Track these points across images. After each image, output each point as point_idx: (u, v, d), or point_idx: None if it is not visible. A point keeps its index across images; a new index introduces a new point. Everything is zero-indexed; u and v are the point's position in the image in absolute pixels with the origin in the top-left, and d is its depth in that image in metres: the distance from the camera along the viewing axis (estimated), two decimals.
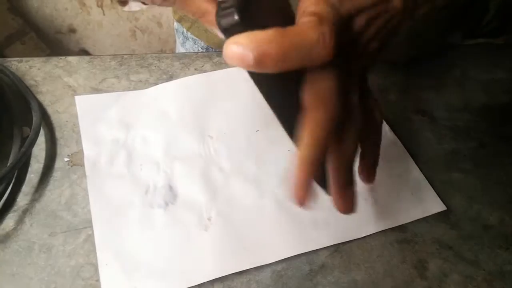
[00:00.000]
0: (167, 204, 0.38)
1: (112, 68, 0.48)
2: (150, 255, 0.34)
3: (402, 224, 0.39)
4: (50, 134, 0.42)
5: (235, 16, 0.21)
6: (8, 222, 0.35)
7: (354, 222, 0.38)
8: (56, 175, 0.39)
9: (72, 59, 0.49)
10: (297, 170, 0.24)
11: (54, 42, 1.52)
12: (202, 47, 0.61)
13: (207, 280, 0.33)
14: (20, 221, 0.35)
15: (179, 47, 0.66)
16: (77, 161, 0.40)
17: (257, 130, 0.44)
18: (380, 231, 0.38)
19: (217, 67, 0.50)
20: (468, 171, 0.44)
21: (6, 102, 0.42)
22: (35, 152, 0.40)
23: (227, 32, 0.21)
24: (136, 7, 0.32)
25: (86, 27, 1.51)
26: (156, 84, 0.47)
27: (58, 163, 0.39)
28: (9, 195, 0.37)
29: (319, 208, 0.38)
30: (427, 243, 0.38)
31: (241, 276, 0.34)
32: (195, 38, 0.60)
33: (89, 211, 0.36)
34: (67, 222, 0.36)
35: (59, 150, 0.41)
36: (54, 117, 0.43)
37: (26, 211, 0.36)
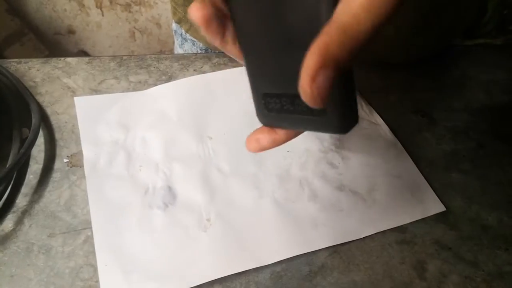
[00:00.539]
0: (166, 205, 0.37)
1: (111, 69, 0.48)
2: (149, 256, 0.34)
3: (401, 225, 0.39)
4: (49, 135, 0.42)
5: None
6: (7, 223, 0.35)
7: (354, 223, 0.38)
8: (55, 176, 0.39)
9: (71, 60, 0.49)
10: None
11: (53, 43, 1.52)
12: (201, 49, 0.61)
13: (206, 281, 0.33)
14: (19, 222, 0.35)
15: (177, 49, 0.66)
16: (76, 162, 0.40)
17: None
18: (379, 232, 0.38)
19: (216, 68, 0.50)
20: (468, 171, 0.44)
21: (5, 103, 0.42)
22: (34, 153, 0.40)
23: None
24: None
25: (85, 28, 1.51)
26: (155, 85, 0.47)
27: (57, 164, 0.39)
28: (8, 196, 0.37)
29: (318, 209, 0.39)
30: (426, 244, 0.38)
31: (240, 277, 0.34)
32: (193, 39, 0.60)
33: (88, 212, 0.36)
34: (66, 223, 0.36)
35: (58, 151, 0.40)
36: (53, 118, 0.43)
37: (25, 212, 0.36)
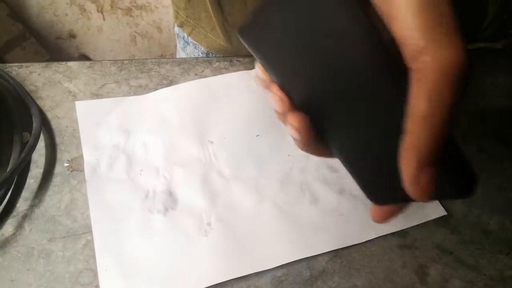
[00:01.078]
0: (166, 209, 0.37)
1: (112, 74, 0.48)
2: (150, 261, 0.34)
3: (403, 229, 0.38)
4: (50, 140, 0.42)
5: None
6: (8, 228, 0.35)
7: (354, 227, 0.38)
8: (56, 180, 0.39)
9: (72, 65, 0.49)
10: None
11: (54, 48, 1.52)
12: (203, 52, 0.61)
13: (206, 286, 0.33)
14: (19, 226, 0.35)
15: (179, 52, 0.66)
16: (77, 166, 0.40)
17: (257, 135, 0.44)
18: (380, 236, 0.38)
19: (217, 72, 0.50)
20: None
21: (6, 108, 0.42)
22: (35, 158, 0.40)
23: None
24: None
25: (86, 32, 1.52)
26: (156, 89, 0.47)
27: (58, 169, 0.39)
28: (8, 200, 0.37)
29: (319, 213, 0.38)
30: (428, 248, 0.38)
31: (241, 282, 0.34)
32: (195, 43, 0.60)
33: (88, 216, 0.36)
34: (67, 228, 0.36)
35: (59, 155, 0.40)
36: (54, 122, 0.43)
37: (26, 217, 0.36)
